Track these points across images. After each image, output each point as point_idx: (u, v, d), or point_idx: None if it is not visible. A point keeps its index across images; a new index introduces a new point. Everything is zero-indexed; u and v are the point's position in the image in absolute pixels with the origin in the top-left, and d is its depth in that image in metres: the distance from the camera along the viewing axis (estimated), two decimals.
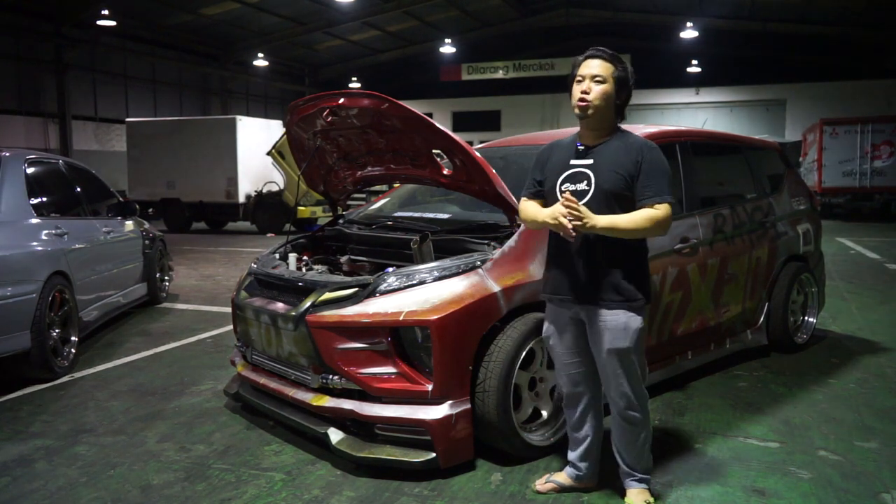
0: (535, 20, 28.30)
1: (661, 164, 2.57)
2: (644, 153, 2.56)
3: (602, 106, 2.56)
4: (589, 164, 2.60)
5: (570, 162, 2.64)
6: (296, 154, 4.24)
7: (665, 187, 2.53)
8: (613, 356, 2.58)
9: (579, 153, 2.64)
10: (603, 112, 2.58)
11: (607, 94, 2.56)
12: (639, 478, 2.73)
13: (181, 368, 4.84)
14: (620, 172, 2.54)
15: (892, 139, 17.64)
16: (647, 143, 2.61)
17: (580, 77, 2.59)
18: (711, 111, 27.83)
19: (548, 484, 2.87)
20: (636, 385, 2.63)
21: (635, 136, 2.65)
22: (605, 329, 2.58)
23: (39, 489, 2.99)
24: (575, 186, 2.59)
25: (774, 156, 5.31)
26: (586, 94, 2.55)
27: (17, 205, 4.65)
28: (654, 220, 2.49)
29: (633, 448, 2.69)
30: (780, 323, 4.75)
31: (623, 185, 2.54)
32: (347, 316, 3.08)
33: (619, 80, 2.58)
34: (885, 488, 2.87)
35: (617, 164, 2.55)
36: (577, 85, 2.59)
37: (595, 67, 2.57)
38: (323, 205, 15.14)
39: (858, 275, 8.62)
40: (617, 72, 2.57)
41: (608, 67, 2.57)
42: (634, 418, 2.65)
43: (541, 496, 2.83)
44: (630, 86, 2.62)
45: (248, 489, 2.94)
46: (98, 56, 23.06)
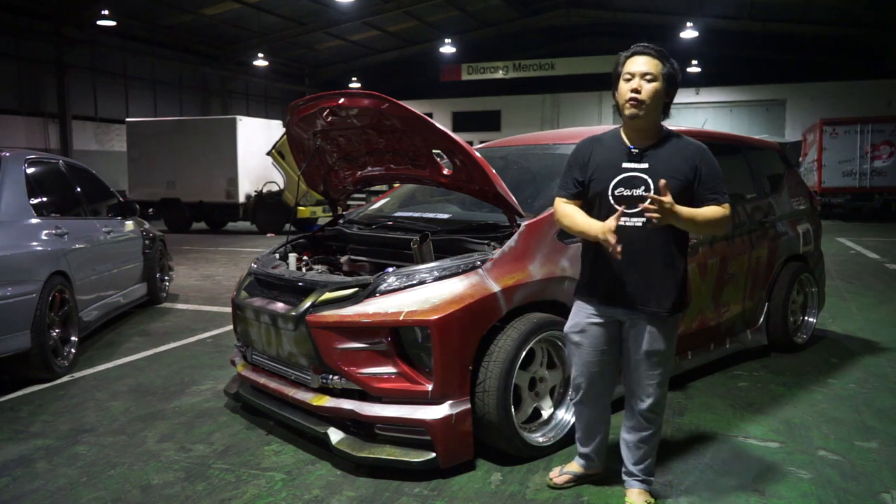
0: (535, 20, 28.29)
1: (718, 167, 2.55)
2: (701, 156, 2.54)
3: (652, 105, 2.48)
4: (645, 169, 2.51)
5: (622, 165, 2.54)
6: (296, 154, 4.24)
7: (724, 188, 2.55)
8: (650, 358, 2.61)
9: (632, 156, 2.53)
10: (653, 112, 2.50)
11: (658, 92, 2.48)
12: (641, 479, 2.75)
13: (181, 368, 4.84)
14: (679, 178, 2.48)
15: (892, 139, 17.64)
16: (702, 147, 2.58)
17: (629, 75, 2.49)
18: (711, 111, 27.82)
19: (563, 476, 2.92)
20: (664, 389, 2.68)
21: (687, 138, 2.60)
22: (646, 332, 2.58)
23: (39, 489, 2.99)
24: (631, 192, 2.50)
25: (774, 156, 5.31)
26: (637, 94, 2.46)
27: (17, 205, 4.65)
28: (724, 216, 2.49)
29: (642, 449, 2.72)
30: (779, 323, 4.75)
31: (681, 190, 2.47)
32: (347, 316, 3.08)
33: (669, 77, 2.50)
34: (885, 488, 2.87)
35: (674, 169, 2.49)
36: (626, 83, 2.49)
37: (644, 64, 2.47)
38: (323, 205, 15.15)
39: (858, 275, 8.62)
40: (666, 68, 2.49)
41: (657, 65, 2.48)
42: (653, 420, 2.69)
43: (540, 496, 2.83)
44: (678, 83, 2.54)
45: (248, 489, 2.94)
46: (98, 56, 23.07)
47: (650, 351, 2.60)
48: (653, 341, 2.58)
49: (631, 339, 2.64)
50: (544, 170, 4.13)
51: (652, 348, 2.59)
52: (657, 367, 2.61)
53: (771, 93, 28.01)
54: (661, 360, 2.61)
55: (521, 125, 27.09)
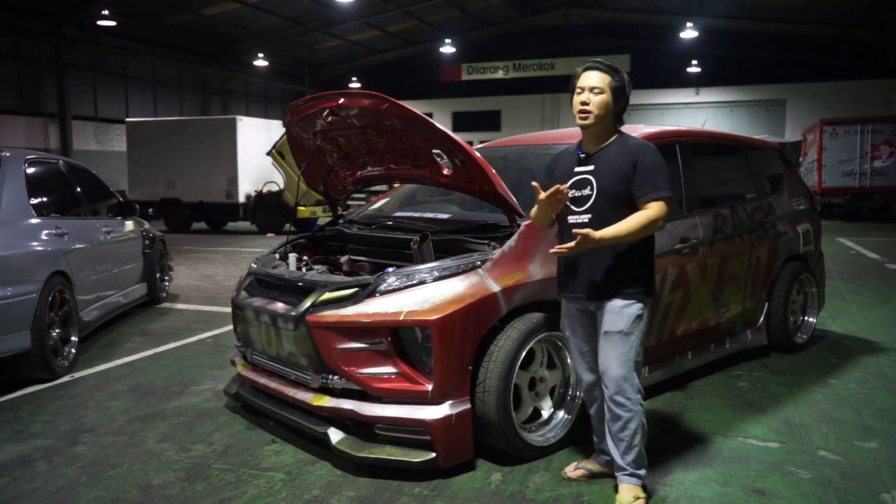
0: (535, 20, 28.28)
1: (654, 162, 2.67)
2: (639, 153, 2.68)
3: (601, 115, 2.70)
4: (591, 171, 2.74)
5: (574, 169, 2.78)
6: (296, 154, 4.24)
7: (659, 183, 2.64)
8: (608, 339, 2.70)
9: (581, 160, 2.78)
10: (602, 120, 2.71)
11: (605, 103, 2.69)
12: (629, 472, 2.73)
13: (181, 368, 4.84)
14: (619, 175, 2.67)
15: (892, 139, 17.64)
16: (643, 144, 2.73)
17: (580, 89, 2.72)
18: (711, 111, 27.82)
19: (578, 471, 2.96)
20: (627, 371, 2.68)
21: (633, 138, 2.78)
22: (605, 313, 2.71)
23: (39, 489, 2.99)
24: (580, 192, 2.73)
25: (774, 156, 5.31)
26: (586, 105, 2.69)
27: (17, 205, 4.65)
28: (648, 219, 2.60)
29: (622, 440, 2.71)
30: (780, 323, 4.75)
31: (623, 187, 2.67)
32: (347, 316, 3.08)
33: (616, 89, 2.70)
34: (885, 488, 2.87)
35: (615, 167, 2.69)
36: (577, 96, 2.73)
37: (593, 79, 2.70)
38: (323, 205, 15.15)
39: (858, 275, 8.62)
40: (614, 82, 2.70)
41: (605, 78, 2.70)
42: (622, 405, 2.68)
43: (540, 496, 2.83)
44: (627, 93, 2.74)
45: (248, 489, 2.94)
46: (98, 56, 23.06)
47: (607, 331, 2.70)
48: (609, 322, 2.69)
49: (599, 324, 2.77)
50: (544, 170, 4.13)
51: (608, 329, 2.69)
52: (614, 348, 2.68)
53: (771, 93, 28.00)
54: (618, 340, 2.68)
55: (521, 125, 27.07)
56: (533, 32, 29.21)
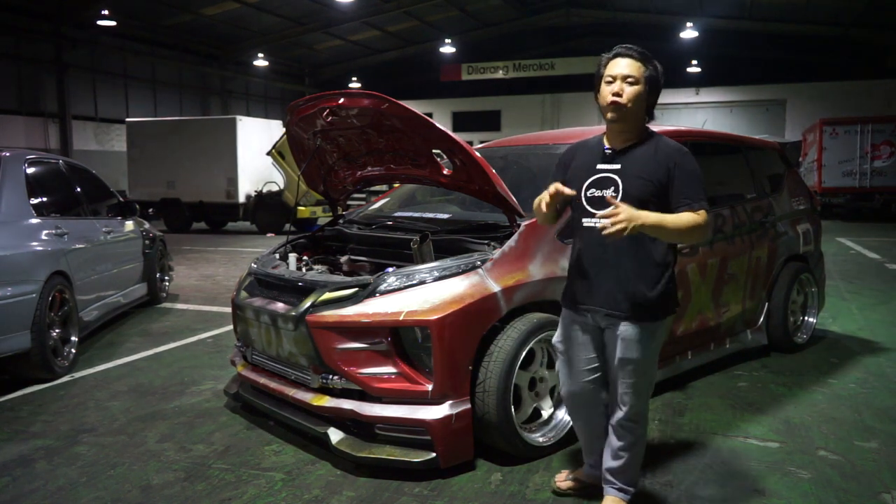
0: (535, 20, 28.28)
1: (695, 170, 2.44)
2: (676, 159, 2.43)
3: (634, 109, 2.43)
4: (616, 170, 2.46)
5: (596, 166, 2.51)
6: (296, 154, 4.24)
7: (702, 193, 2.41)
8: (626, 366, 2.48)
9: (606, 157, 2.50)
10: (634, 115, 2.45)
11: (640, 95, 2.43)
12: (619, 487, 2.62)
13: (181, 368, 4.84)
14: (650, 179, 2.41)
15: (892, 139, 17.63)
16: (679, 149, 2.48)
17: (610, 77, 2.44)
18: (711, 111, 27.81)
19: (568, 482, 2.83)
20: (640, 398, 2.53)
21: (666, 139, 2.51)
22: (621, 338, 2.46)
23: (39, 489, 2.99)
24: (601, 192, 2.45)
25: (774, 156, 5.31)
26: (619, 97, 2.41)
27: (17, 205, 4.65)
28: (697, 224, 2.35)
29: (622, 458, 2.59)
30: (780, 323, 4.75)
31: (651, 192, 2.40)
32: (347, 316, 3.08)
33: (651, 80, 2.45)
34: (885, 488, 2.87)
35: (646, 170, 2.42)
36: (608, 86, 2.44)
37: (626, 67, 2.42)
38: (323, 205, 15.14)
39: (858, 275, 8.61)
40: (648, 71, 2.44)
41: (639, 67, 2.43)
42: (631, 430, 2.56)
43: (540, 496, 2.83)
44: (661, 85, 2.50)
45: (248, 489, 2.94)
46: (98, 56, 23.05)
47: (623, 359, 2.47)
48: (626, 349, 2.45)
49: (609, 345, 2.53)
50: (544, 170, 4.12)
51: (625, 356, 2.46)
52: (631, 377, 2.48)
53: (771, 93, 27.99)
54: (636, 369, 2.47)
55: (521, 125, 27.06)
56: (533, 32, 29.21)
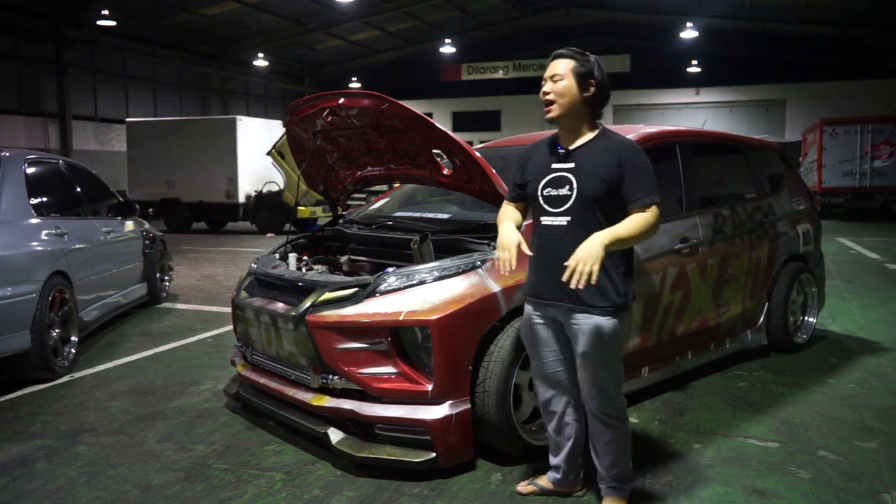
0: (535, 20, 28.28)
1: (645, 165, 2.47)
2: (626, 155, 2.46)
3: (564, 103, 2.49)
4: (570, 168, 2.51)
5: (551, 166, 2.57)
6: (296, 154, 4.24)
7: (651, 188, 2.45)
8: (588, 359, 2.50)
9: (560, 156, 2.55)
10: (569, 110, 2.50)
11: (566, 88, 2.48)
12: (612, 485, 2.64)
13: (181, 368, 4.84)
14: (603, 177, 2.45)
15: (892, 139, 17.63)
16: (629, 144, 2.52)
17: (543, 80, 2.56)
18: (711, 111, 27.81)
19: (530, 486, 2.85)
20: (609, 388, 2.54)
21: (617, 136, 2.56)
22: (580, 332, 2.49)
23: (39, 489, 2.99)
24: (557, 192, 2.52)
25: (774, 156, 5.31)
26: (547, 95, 2.52)
27: (17, 205, 4.65)
28: (648, 223, 2.40)
29: (608, 455, 2.60)
30: (780, 323, 4.75)
31: (605, 190, 2.45)
32: (347, 316, 3.08)
33: (580, 74, 2.49)
34: (885, 488, 2.87)
35: (599, 167, 2.46)
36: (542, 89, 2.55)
37: (555, 67, 2.52)
38: (323, 205, 15.14)
39: (858, 275, 8.61)
40: (579, 66, 2.49)
41: (568, 64, 2.50)
42: (608, 423, 2.57)
43: (540, 497, 2.83)
44: (598, 78, 2.50)
45: (248, 489, 2.94)
46: (98, 56, 23.05)
47: (584, 352, 2.50)
48: (586, 342, 2.48)
49: (571, 339, 2.57)
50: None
51: (585, 349, 2.49)
52: (594, 368, 2.50)
53: (771, 93, 28.00)
54: (598, 361, 2.49)
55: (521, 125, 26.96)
56: (533, 32, 29.20)
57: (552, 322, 2.62)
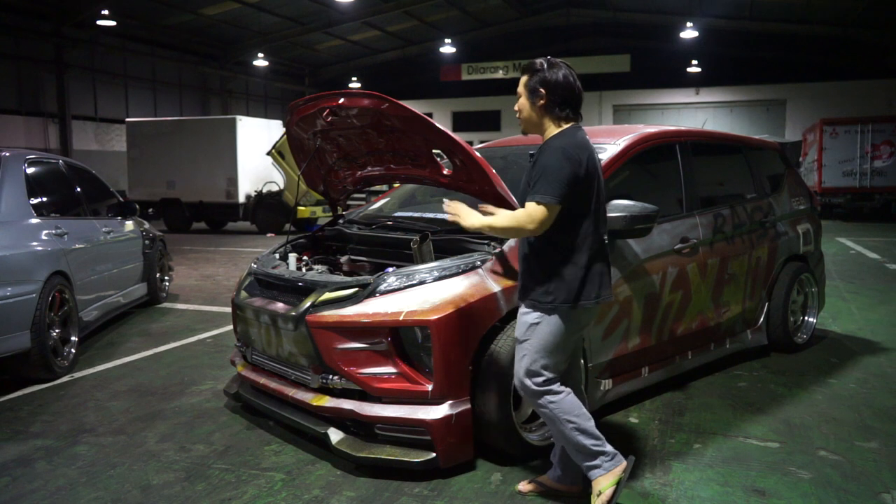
0: (535, 20, 28.28)
1: (548, 163, 2.50)
2: (540, 154, 2.58)
3: (524, 117, 2.69)
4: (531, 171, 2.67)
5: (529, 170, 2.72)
6: (296, 154, 4.24)
7: (541, 185, 2.48)
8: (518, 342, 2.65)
9: (531, 159, 2.72)
10: (529, 122, 2.70)
11: (521, 105, 2.69)
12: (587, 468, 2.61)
13: (181, 368, 4.84)
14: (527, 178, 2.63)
15: (892, 139, 17.63)
16: (549, 144, 2.58)
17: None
18: (711, 111, 27.84)
19: (531, 485, 2.86)
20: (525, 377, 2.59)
21: (558, 137, 2.60)
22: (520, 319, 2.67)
23: (39, 489, 2.99)
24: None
25: (774, 156, 5.31)
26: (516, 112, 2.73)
27: (17, 205, 4.65)
28: (516, 219, 2.50)
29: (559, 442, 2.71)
30: (780, 323, 4.75)
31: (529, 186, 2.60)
32: (347, 316, 3.08)
33: (530, 88, 2.65)
34: (885, 488, 2.87)
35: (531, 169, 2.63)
36: None
37: (519, 84, 2.70)
38: (323, 205, 15.15)
39: (858, 275, 8.62)
40: (528, 80, 2.66)
41: (523, 79, 2.69)
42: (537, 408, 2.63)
43: (539, 497, 2.83)
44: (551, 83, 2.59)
45: (248, 489, 2.94)
46: (98, 56, 23.05)
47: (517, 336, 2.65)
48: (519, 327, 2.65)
49: None
50: None
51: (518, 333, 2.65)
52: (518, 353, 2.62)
53: (771, 93, 28.01)
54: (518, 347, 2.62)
55: None
56: (533, 32, 29.20)
57: None
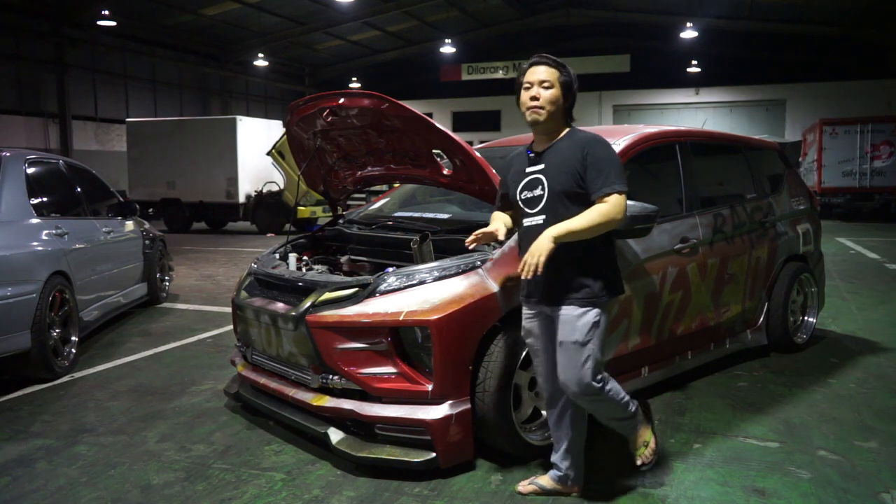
0: (535, 20, 28.26)
1: (606, 155, 2.58)
2: (588, 147, 2.59)
3: (552, 110, 2.63)
4: (541, 169, 2.67)
5: (525, 170, 2.72)
6: (296, 154, 4.24)
7: (613, 177, 2.54)
8: (564, 349, 2.62)
9: (531, 160, 2.71)
10: (553, 116, 2.64)
11: (556, 98, 2.62)
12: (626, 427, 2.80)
13: (181, 368, 4.84)
14: (569, 171, 2.59)
15: (892, 139, 17.63)
16: (592, 137, 2.64)
17: (528, 84, 2.64)
18: (711, 111, 27.81)
19: (530, 486, 2.85)
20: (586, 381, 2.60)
21: (583, 132, 2.70)
22: (560, 323, 2.64)
23: (39, 489, 2.99)
24: (532, 193, 2.67)
25: (774, 156, 5.31)
26: (536, 100, 2.61)
27: (17, 205, 4.65)
28: (604, 213, 2.51)
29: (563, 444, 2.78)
30: (779, 323, 4.75)
31: (574, 183, 2.58)
32: (347, 316, 3.08)
33: (565, 84, 2.64)
34: (885, 488, 2.87)
35: (566, 163, 2.60)
36: (526, 92, 2.64)
37: (542, 73, 2.62)
38: (323, 205, 15.15)
39: (858, 275, 8.62)
40: (563, 76, 2.64)
41: (554, 73, 2.63)
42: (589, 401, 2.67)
43: (539, 497, 2.83)
44: (575, 90, 2.68)
45: (248, 489, 2.94)
46: (98, 56, 23.06)
47: (563, 342, 2.62)
48: (565, 332, 2.61)
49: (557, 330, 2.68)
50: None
51: (564, 339, 2.62)
52: (572, 359, 2.60)
53: (771, 93, 28.00)
54: (576, 350, 2.59)
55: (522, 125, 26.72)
56: (533, 32, 29.19)
57: (544, 318, 2.74)
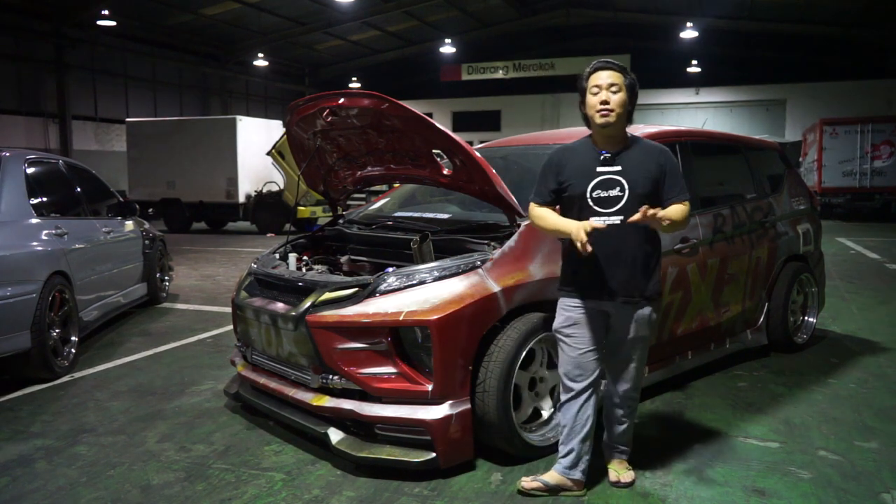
0: (535, 20, 28.24)
1: (678, 167, 2.87)
2: (664, 157, 2.80)
3: (620, 112, 2.71)
4: (618, 171, 2.73)
5: (596, 169, 2.75)
6: (296, 154, 4.24)
7: (685, 185, 2.81)
8: (633, 344, 2.82)
9: (605, 161, 2.75)
10: (620, 118, 2.73)
11: (623, 101, 2.72)
12: (621, 450, 2.99)
13: (181, 368, 4.84)
14: (649, 177, 2.73)
15: (892, 139, 17.63)
16: (663, 149, 2.84)
17: (596, 88, 2.72)
18: (711, 111, 27.80)
19: (534, 482, 2.84)
20: (642, 370, 2.92)
21: (647, 140, 2.86)
22: (632, 321, 2.78)
23: (39, 489, 2.99)
24: (607, 193, 2.72)
25: (774, 156, 5.31)
26: (607, 104, 2.69)
27: (17, 205, 4.65)
28: (686, 213, 2.75)
29: (623, 423, 2.94)
30: (780, 323, 4.75)
31: (652, 188, 2.73)
32: (347, 316, 3.08)
33: (630, 87, 2.75)
34: (885, 488, 2.87)
35: (646, 169, 2.73)
36: (594, 96, 2.72)
37: (609, 77, 2.71)
38: (323, 205, 15.14)
39: (858, 275, 8.62)
40: (627, 80, 2.74)
41: (619, 77, 2.72)
42: (634, 398, 2.94)
43: (540, 497, 2.83)
44: (637, 92, 2.80)
45: (248, 489, 2.94)
46: (98, 56, 23.04)
47: (636, 337, 2.81)
48: (638, 328, 2.80)
49: (618, 327, 2.81)
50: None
51: (637, 335, 2.81)
52: (637, 352, 2.86)
53: (771, 93, 27.99)
54: (642, 345, 2.86)
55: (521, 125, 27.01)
56: (533, 32, 29.20)
57: (597, 313, 2.80)
